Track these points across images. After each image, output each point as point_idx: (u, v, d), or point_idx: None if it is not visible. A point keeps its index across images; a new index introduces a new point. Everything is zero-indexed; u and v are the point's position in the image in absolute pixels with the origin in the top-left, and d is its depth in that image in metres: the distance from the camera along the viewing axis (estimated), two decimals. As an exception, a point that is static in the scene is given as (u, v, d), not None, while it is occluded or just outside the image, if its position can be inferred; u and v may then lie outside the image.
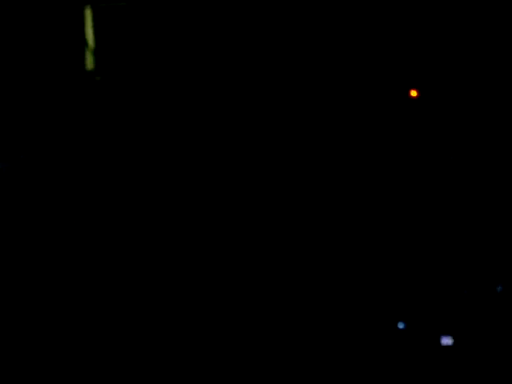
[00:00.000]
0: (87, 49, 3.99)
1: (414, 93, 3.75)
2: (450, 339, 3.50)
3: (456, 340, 3.51)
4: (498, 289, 3.48)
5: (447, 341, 3.49)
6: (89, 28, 4.01)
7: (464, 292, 3.58)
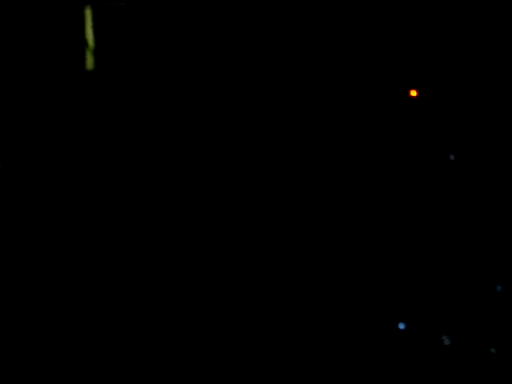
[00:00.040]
0: (87, 49, 3.99)
1: (414, 92, 3.77)
2: (449, 339, 3.51)
3: (455, 340, 3.52)
4: (498, 289, 3.49)
5: (447, 341, 3.51)
6: (89, 28, 4.01)
7: (463, 291, 3.59)
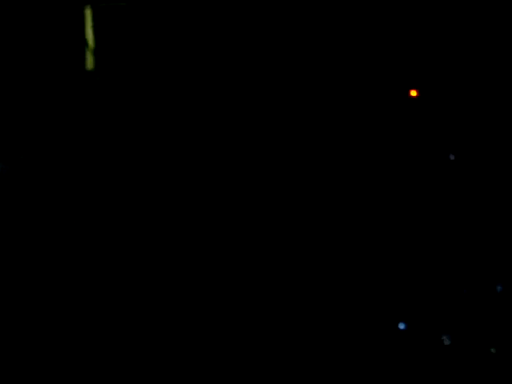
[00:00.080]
0: (87, 49, 3.99)
1: (414, 92, 3.77)
2: (449, 339, 3.51)
3: (455, 340, 3.52)
4: (498, 288, 3.49)
5: (447, 341, 3.50)
6: (89, 28, 4.01)
7: (463, 291, 3.59)
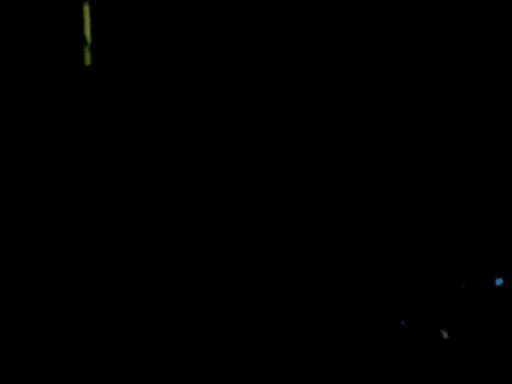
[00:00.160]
0: (85, 45, 3.99)
1: None
2: (447, 333, 3.53)
3: (454, 335, 3.54)
4: (498, 282, 3.52)
5: (445, 335, 3.53)
6: (87, 23, 4.01)
7: (461, 286, 3.61)
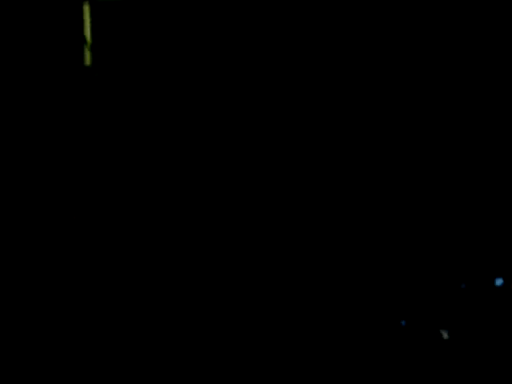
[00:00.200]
0: (85, 44, 3.99)
1: None
2: (447, 333, 3.53)
3: (454, 335, 3.54)
4: (498, 282, 3.52)
5: (445, 335, 3.53)
6: (87, 23, 4.01)
7: (461, 286, 3.61)
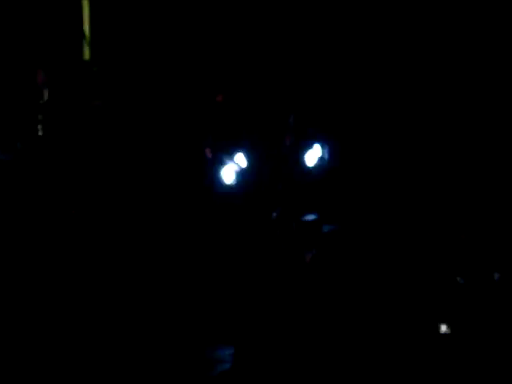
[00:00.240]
0: (84, 39, 3.98)
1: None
2: (446, 327, 3.55)
3: (453, 329, 3.56)
4: (495, 276, 3.54)
5: (443, 328, 3.55)
6: (86, 18, 4.00)
7: (460, 281, 3.64)
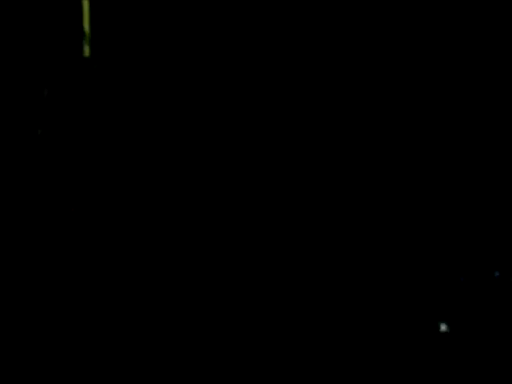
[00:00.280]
0: (84, 37, 4.00)
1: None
2: (446, 326, 3.53)
3: (453, 328, 3.53)
4: (496, 274, 3.51)
5: (443, 327, 3.52)
6: (86, 15, 4.02)
7: (460, 279, 3.61)
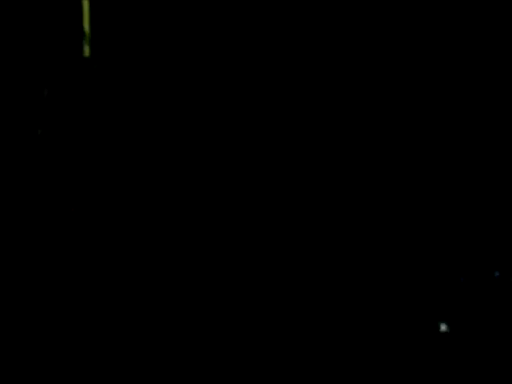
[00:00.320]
0: (84, 36, 4.00)
1: None
2: (446, 326, 3.52)
3: (453, 328, 3.53)
4: (496, 274, 3.51)
5: (443, 327, 3.52)
6: (86, 15, 4.02)
7: (460, 279, 3.61)
